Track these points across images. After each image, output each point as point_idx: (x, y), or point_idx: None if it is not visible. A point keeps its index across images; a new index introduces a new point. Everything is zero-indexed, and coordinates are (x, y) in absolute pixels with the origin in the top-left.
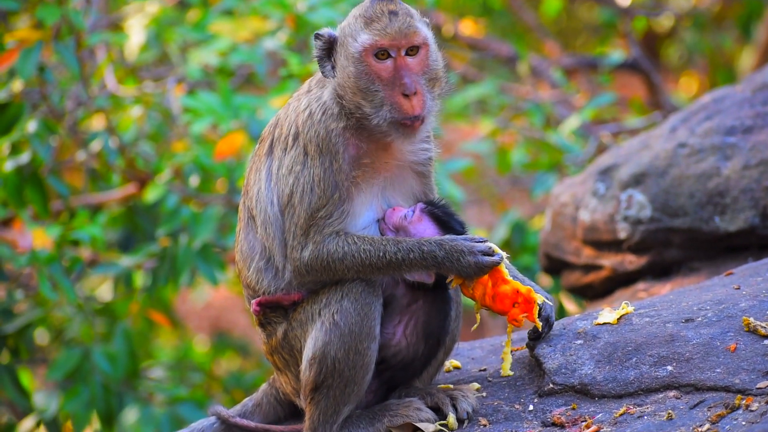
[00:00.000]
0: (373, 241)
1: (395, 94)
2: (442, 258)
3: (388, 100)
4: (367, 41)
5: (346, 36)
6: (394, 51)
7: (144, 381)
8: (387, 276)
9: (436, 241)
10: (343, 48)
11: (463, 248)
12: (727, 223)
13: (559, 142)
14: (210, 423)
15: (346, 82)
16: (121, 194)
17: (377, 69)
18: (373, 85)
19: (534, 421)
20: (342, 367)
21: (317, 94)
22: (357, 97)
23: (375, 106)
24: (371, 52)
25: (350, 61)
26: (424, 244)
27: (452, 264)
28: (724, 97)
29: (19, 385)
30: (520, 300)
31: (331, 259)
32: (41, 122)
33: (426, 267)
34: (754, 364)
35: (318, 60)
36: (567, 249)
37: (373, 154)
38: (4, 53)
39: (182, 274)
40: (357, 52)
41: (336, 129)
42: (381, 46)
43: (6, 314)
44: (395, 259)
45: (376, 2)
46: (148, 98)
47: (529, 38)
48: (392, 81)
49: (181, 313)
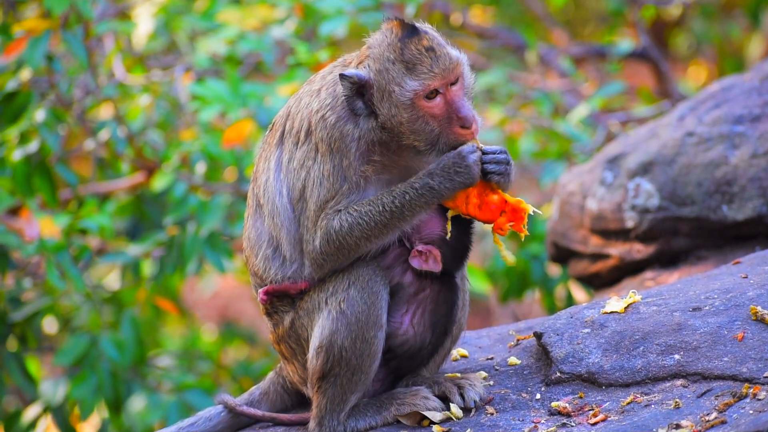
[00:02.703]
0: (371, 202)
1: (453, 128)
2: (438, 183)
3: (444, 136)
4: (418, 87)
5: (388, 84)
6: (442, 88)
7: (152, 369)
8: (399, 230)
9: (424, 173)
10: (385, 95)
11: (451, 160)
12: (734, 212)
13: (568, 130)
14: (217, 411)
15: (395, 126)
16: (129, 183)
17: (429, 109)
18: (428, 125)
19: (541, 409)
20: (349, 356)
21: (329, 102)
22: (410, 138)
23: (430, 142)
24: (422, 96)
25: (400, 109)
26: (414, 182)
27: (451, 183)
28: (732, 85)
29: (27, 372)
30: (507, 210)
31: (340, 236)
32: (49, 111)
33: (427, 202)
34: (761, 352)
35: (347, 98)
36: (574, 238)
37: (385, 154)
38: (13, 42)
39: (190, 262)
40: (408, 100)
41: (352, 135)
42: (432, 88)
43: (14, 302)
44: (395, 208)
45: (407, 41)
46: (156, 87)
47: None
48: (447, 117)
49: (189, 302)
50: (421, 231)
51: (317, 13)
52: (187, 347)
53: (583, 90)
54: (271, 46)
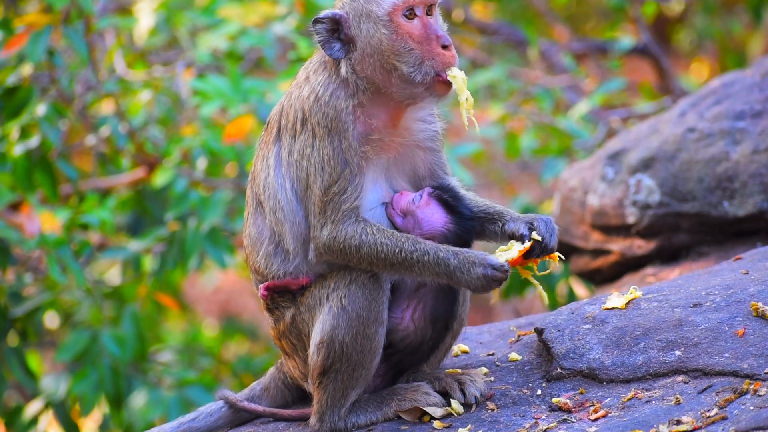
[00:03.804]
0: (392, 236)
1: (433, 48)
2: (455, 267)
3: (427, 56)
4: (397, 1)
5: (366, 3)
6: (419, 9)
7: (153, 364)
8: (396, 275)
9: (453, 249)
10: (363, 17)
11: (476, 259)
12: (736, 208)
13: (569, 127)
14: (218, 407)
15: (377, 49)
16: (130, 178)
17: (408, 28)
18: (407, 44)
19: (542, 405)
20: (350, 352)
21: (319, 79)
22: (392, 59)
23: (414, 64)
24: (400, 12)
25: (379, 26)
26: (440, 250)
27: (462, 274)
28: (733, 81)
29: (27, 368)
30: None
31: (348, 245)
32: (50, 106)
33: (437, 273)
34: (762, 349)
35: (322, 43)
36: (576, 233)
37: (382, 130)
38: (14, 37)
39: (191, 257)
40: (386, 14)
41: (346, 108)
42: (410, 4)
43: (15, 297)
44: (409, 258)
45: None
46: (157, 82)
47: (539, 23)
48: (426, 37)
49: (190, 298)
50: (422, 227)
51: (318, 9)
52: (188, 343)
53: (584, 86)
54: (272, 42)
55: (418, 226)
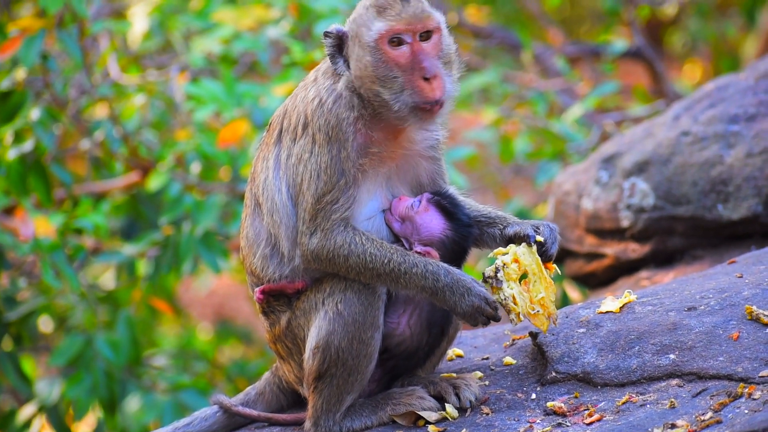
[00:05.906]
0: (382, 246)
1: (415, 79)
2: (444, 285)
3: (408, 86)
4: (382, 28)
5: (359, 27)
6: (409, 36)
7: (147, 369)
8: (384, 286)
9: (445, 266)
10: (356, 40)
11: (471, 286)
12: (730, 212)
13: (563, 130)
14: (212, 411)
15: (363, 73)
16: (124, 182)
17: (394, 56)
18: (391, 72)
19: (536, 409)
20: (345, 357)
21: (326, 84)
22: (375, 85)
23: (395, 92)
24: (386, 39)
25: (366, 51)
26: (430, 264)
27: (452, 296)
28: (727, 85)
29: (22, 372)
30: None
31: (336, 254)
32: (44, 110)
33: (424, 288)
34: (756, 352)
35: (330, 57)
36: (570, 237)
37: (382, 143)
38: (8, 41)
39: (185, 261)
40: (372, 41)
41: (348, 118)
42: (396, 31)
43: (9, 302)
44: (398, 270)
45: None
46: (151, 86)
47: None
48: (411, 66)
49: (184, 301)
50: (420, 232)
51: (312, 13)
52: (182, 347)
53: (578, 89)
54: (266, 46)
55: (416, 231)
